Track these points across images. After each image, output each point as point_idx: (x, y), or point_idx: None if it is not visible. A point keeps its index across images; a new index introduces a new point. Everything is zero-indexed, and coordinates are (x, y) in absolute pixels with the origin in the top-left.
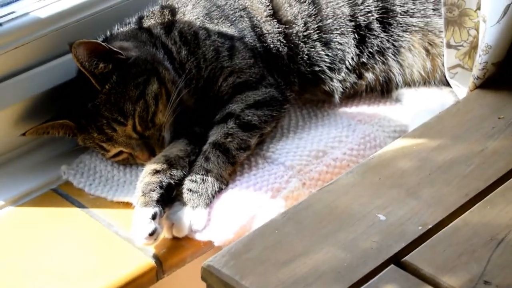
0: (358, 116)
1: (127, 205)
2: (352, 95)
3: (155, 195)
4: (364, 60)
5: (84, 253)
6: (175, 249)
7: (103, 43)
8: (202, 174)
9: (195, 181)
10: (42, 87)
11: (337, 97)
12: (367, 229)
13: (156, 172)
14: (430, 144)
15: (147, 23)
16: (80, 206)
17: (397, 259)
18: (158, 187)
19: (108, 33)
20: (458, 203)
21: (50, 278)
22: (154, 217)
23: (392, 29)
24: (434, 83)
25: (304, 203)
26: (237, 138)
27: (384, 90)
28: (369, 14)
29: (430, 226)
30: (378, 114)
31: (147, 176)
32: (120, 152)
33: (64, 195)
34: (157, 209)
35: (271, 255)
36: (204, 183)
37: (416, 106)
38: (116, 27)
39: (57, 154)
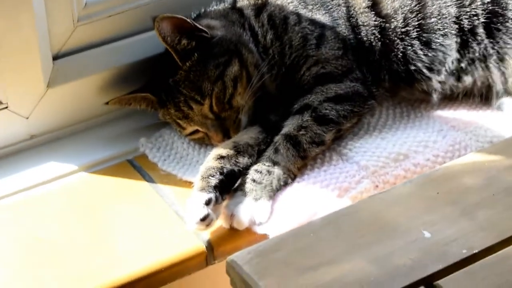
0: (453, 121)
1: None
2: (450, 98)
3: (213, 181)
4: (464, 65)
5: (140, 228)
6: (230, 237)
7: (188, 19)
8: (268, 166)
9: (260, 171)
10: (131, 58)
11: (435, 97)
12: (406, 245)
13: (221, 157)
14: (505, 162)
15: (240, 3)
16: (150, 180)
17: (429, 281)
18: (218, 173)
19: (203, 10)
20: None
21: (101, 248)
22: (208, 202)
23: (500, 35)
24: None
25: (350, 208)
26: (311, 131)
27: (483, 96)
28: (475, 18)
29: (475, 251)
30: (475, 121)
31: (211, 161)
32: (196, 131)
33: (137, 167)
34: (212, 195)
35: (298, 258)
36: (269, 174)
37: None
38: (213, 3)
39: (139, 126)
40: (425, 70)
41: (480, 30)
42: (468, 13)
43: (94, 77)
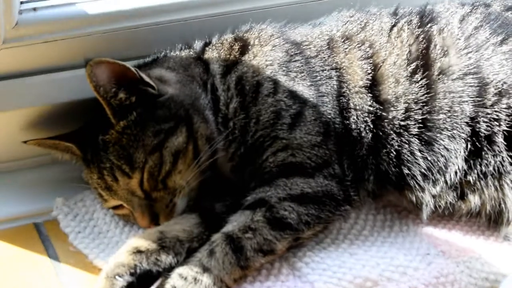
0: (444, 245)
1: None
2: (447, 215)
3: (119, 283)
4: (472, 179)
5: None
6: None
7: (131, 68)
8: (197, 272)
9: (185, 278)
10: (66, 95)
11: (425, 213)
12: None
13: (138, 252)
14: None
15: (209, 54)
16: (53, 256)
17: None
18: (128, 273)
19: (162, 54)
20: None
21: None
22: None
23: None
24: None
25: None
26: (260, 236)
27: (491, 221)
28: (495, 123)
29: None
30: (471, 250)
31: (124, 254)
32: (120, 206)
33: (43, 235)
34: None
35: None
36: (196, 284)
37: None
38: (177, 47)
39: (61, 179)
40: (419, 177)
41: (500, 139)
42: (489, 116)
43: (16, 112)
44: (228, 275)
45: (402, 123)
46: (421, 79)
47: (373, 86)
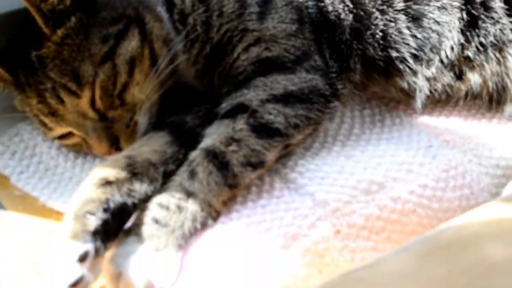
0: (446, 134)
1: None
2: (443, 101)
3: (92, 224)
4: (470, 53)
5: None
6: None
7: None
8: (179, 198)
9: (167, 207)
10: None
11: (419, 101)
12: None
13: (106, 183)
14: None
15: None
16: None
17: None
18: (101, 210)
19: None
20: None
21: None
22: (83, 258)
23: None
24: None
25: None
26: (246, 147)
27: (493, 101)
28: None
29: None
30: (477, 136)
31: (90, 188)
32: (70, 134)
33: None
34: (89, 247)
35: None
36: (180, 212)
37: None
38: None
39: None
40: (410, 59)
41: (498, 3)
42: None
43: None
44: (215, 198)
45: None
46: None
47: None
